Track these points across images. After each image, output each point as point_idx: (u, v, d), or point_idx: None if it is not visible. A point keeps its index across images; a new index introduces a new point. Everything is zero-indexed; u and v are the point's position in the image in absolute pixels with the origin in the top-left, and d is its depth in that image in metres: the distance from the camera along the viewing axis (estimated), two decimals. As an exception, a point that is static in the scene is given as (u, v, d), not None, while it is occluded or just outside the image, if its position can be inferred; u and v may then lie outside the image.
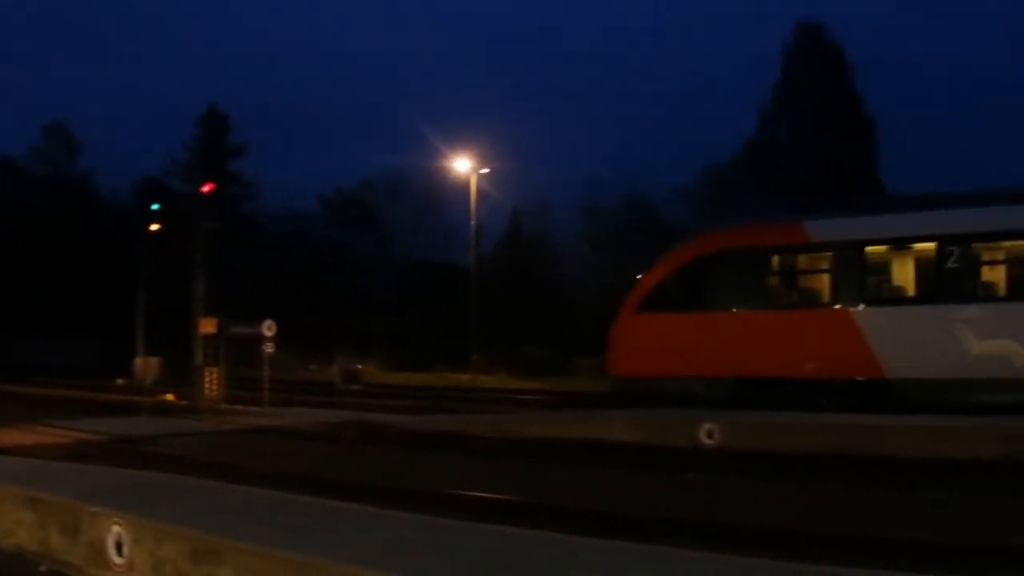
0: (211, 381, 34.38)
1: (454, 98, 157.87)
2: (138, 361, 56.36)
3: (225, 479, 15.45)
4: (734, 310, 26.25)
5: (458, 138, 74.18)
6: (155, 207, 62.17)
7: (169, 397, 38.64)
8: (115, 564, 10.01)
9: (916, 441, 19.22)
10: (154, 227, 61.05)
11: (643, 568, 8.10)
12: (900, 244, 25.84)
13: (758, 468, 18.07)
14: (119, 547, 9.97)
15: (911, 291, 25.86)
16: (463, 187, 61.26)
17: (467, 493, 15.22)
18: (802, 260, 27.33)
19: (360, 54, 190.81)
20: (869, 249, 25.48)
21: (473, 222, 60.86)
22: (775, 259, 27.17)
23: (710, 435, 21.54)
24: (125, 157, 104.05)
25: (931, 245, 24.66)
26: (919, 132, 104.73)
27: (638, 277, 28.76)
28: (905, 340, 24.31)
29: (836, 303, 25.55)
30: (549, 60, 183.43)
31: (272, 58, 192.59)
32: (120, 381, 53.90)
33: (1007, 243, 24.76)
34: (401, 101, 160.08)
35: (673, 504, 14.93)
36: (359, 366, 50.88)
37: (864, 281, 25.41)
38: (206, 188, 46.28)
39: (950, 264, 24.13)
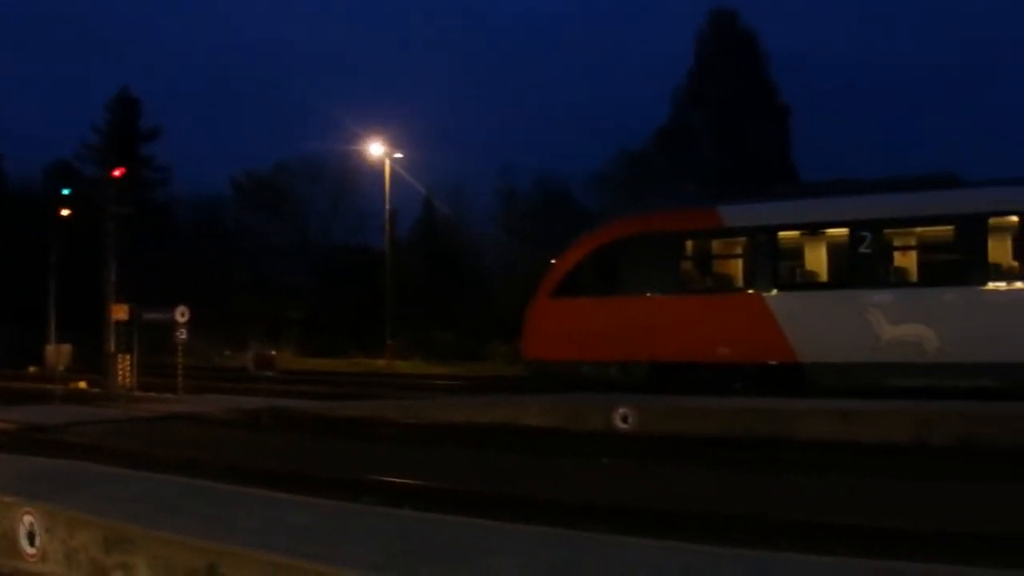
0: (124, 368, 34.02)
1: (368, 82, 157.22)
2: (50, 348, 55.41)
3: (138, 467, 15.29)
4: (648, 295, 26.34)
5: (372, 122, 73.90)
6: (65, 192, 61.06)
7: (82, 384, 38.14)
8: (27, 554, 9.87)
9: (826, 425, 19.43)
10: (65, 212, 60.06)
11: (557, 551, 8.10)
12: (813, 230, 26.09)
13: (672, 452, 18.18)
14: (31, 537, 9.83)
15: (823, 276, 26.13)
16: (378, 171, 61.04)
17: (381, 479, 15.19)
18: (716, 245, 27.51)
19: (273, 37, 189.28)
20: (782, 235, 25.71)
21: (387, 207, 60.51)
22: (689, 244, 27.32)
23: (624, 419, 21.62)
24: (35, 142, 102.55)
25: (843, 231, 24.93)
26: (832, 120, 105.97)
27: (552, 262, 28.80)
28: (817, 325, 24.57)
29: (749, 288, 25.76)
30: (464, 45, 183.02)
31: (185, 41, 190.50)
32: (32, 368, 53.12)
33: (918, 229, 25.10)
34: (315, 85, 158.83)
35: (588, 488, 15.00)
36: (273, 352, 50.42)
37: (777, 266, 25.64)
38: (117, 172, 45.53)
39: (862, 250, 24.40)
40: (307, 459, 18.29)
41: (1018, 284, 23.12)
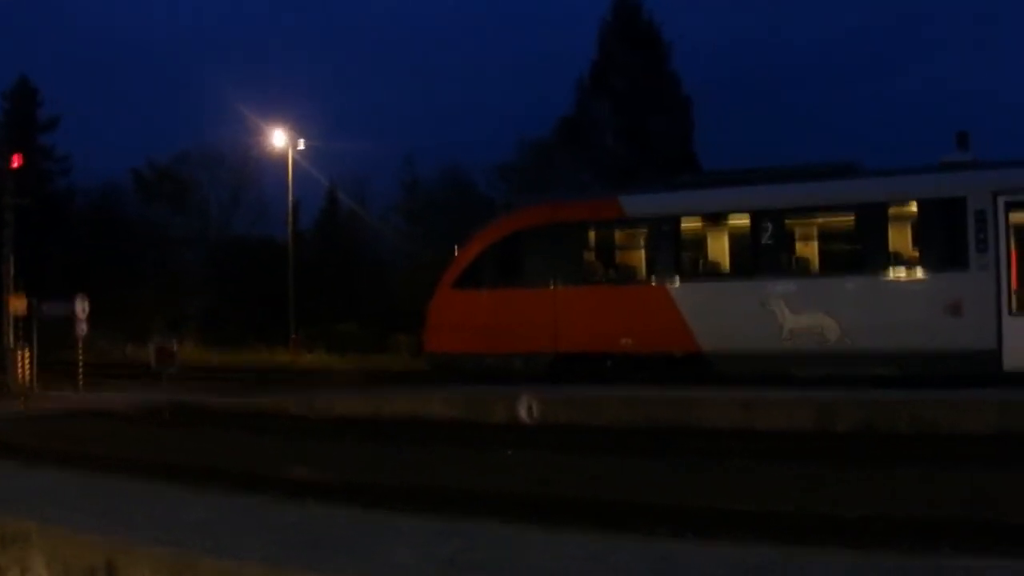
0: (23, 363, 33.35)
1: (272, 72, 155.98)
2: (-56, 345, 54.41)
3: (36, 463, 14.97)
4: (551, 286, 26.26)
5: (276, 113, 73.22)
6: (-41, 183, 59.97)
7: (-23, 382, 37.37)
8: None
9: (729, 413, 19.51)
10: (-40, 203, 58.94)
11: (455, 543, 8.05)
12: (715, 220, 26.20)
13: (575, 442, 18.20)
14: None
15: (726, 266, 26.23)
16: (280, 161, 60.53)
17: (283, 472, 15.01)
18: (618, 235, 27.53)
19: (178, 25, 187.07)
20: (684, 225, 25.79)
21: (290, 198, 60.14)
22: (591, 234, 27.27)
23: (528, 410, 21.54)
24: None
25: (745, 221, 25.08)
26: (735, 109, 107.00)
27: (455, 253, 28.65)
28: (720, 314, 24.66)
29: (652, 278, 25.80)
30: (369, 35, 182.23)
31: (87, 30, 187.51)
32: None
33: (820, 218, 25.32)
34: (219, 75, 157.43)
35: (492, 480, 14.93)
36: (175, 345, 49.80)
37: (679, 256, 25.69)
38: (14, 162, 44.67)
39: (764, 239, 24.53)
40: (208, 453, 18.05)
41: (918, 272, 23.37)
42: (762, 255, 24.71)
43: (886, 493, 13.14)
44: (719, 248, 26.44)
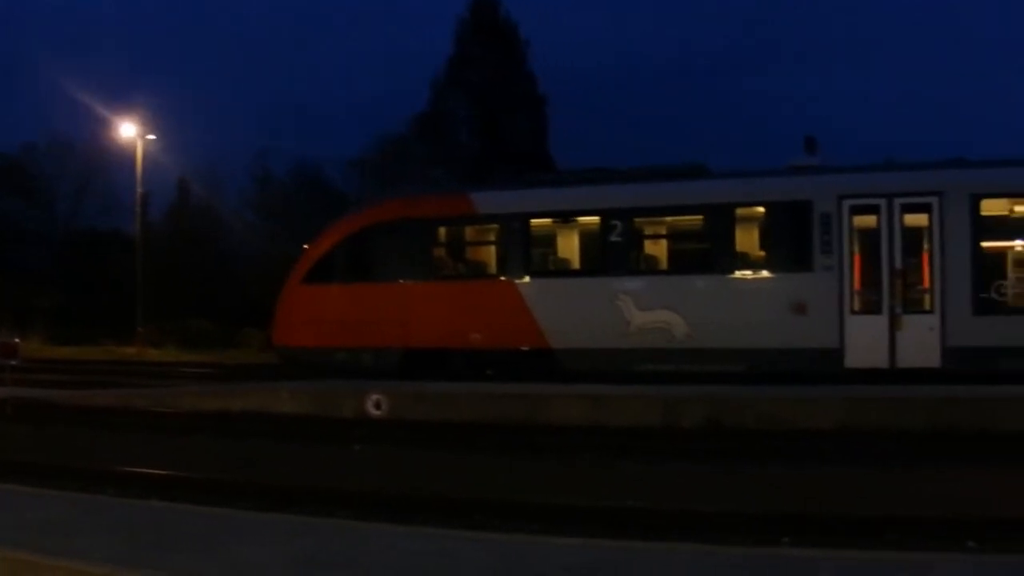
0: None
1: (123, 63, 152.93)
2: None
3: None
4: (401, 281, 26.15)
5: (126, 104, 71.89)
6: None
7: None
8: None
9: (577, 409, 19.63)
10: None
11: (303, 540, 8.04)
12: (565, 218, 26.32)
13: (424, 438, 18.21)
14: None
15: (575, 264, 26.37)
16: (130, 153, 59.41)
17: (129, 469, 14.74)
18: (469, 232, 27.51)
19: (20, 11, 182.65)
20: (535, 222, 25.84)
21: (139, 190, 58.95)
22: (441, 231, 27.20)
23: (377, 406, 21.45)
24: None
25: (595, 219, 25.25)
26: (590, 109, 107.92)
27: (305, 248, 28.40)
28: (569, 311, 24.77)
29: (502, 275, 25.84)
30: (223, 28, 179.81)
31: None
32: None
33: (668, 218, 25.63)
34: (68, 64, 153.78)
35: (340, 475, 14.88)
36: (17, 340, 48.62)
37: (529, 253, 25.75)
38: None
39: (613, 238, 24.71)
40: (52, 451, 17.61)
41: (763, 272, 23.78)
42: (611, 253, 24.90)
43: (732, 488, 13.35)
44: (569, 246, 26.57)
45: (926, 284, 22.75)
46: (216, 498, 11.98)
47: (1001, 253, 23.16)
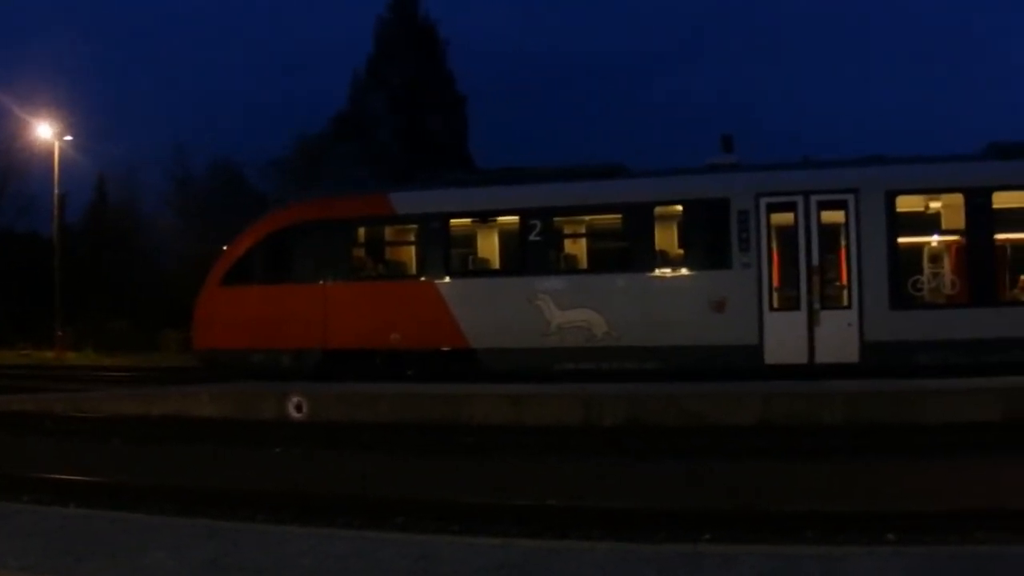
0: None
1: (37, 63, 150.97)
2: None
3: None
4: (320, 282, 25.99)
5: (42, 104, 70.89)
6: None
7: None
8: None
9: (498, 409, 19.63)
10: None
11: (217, 544, 8.00)
12: (484, 217, 26.33)
13: (345, 439, 18.14)
14: None
15: (495, 263, 26.42)
16: (46, 153, 58.72)
17: (45, 475, 14.48)
18: (387, 232, 27.41)
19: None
20: (454, 222, 25.81)
21: (56, 191, 58.35)
22: (360, 231, 27.07)
23: (299, 408, 21.31)
24: None
25: (514, 219, 25.26)
26: (510, 109, 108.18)
27: (224, 248, 28.18)
28: (489, 311, 24.77)
29: (421, 275, 25.79)
30: (139, 27, 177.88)
31: None
32: None
33: (588, 217, 25.73)
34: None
35: (260, 478, 14.80)
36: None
37: (448, 253, 25.72)
38: None
39: (532, 237, 24.74)
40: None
41: (683, 271, 23.94)
42: (530, 253, 24.94)
43: (653, 485, 13.43)
44: (488, 245, 26.61)
45: (844, 280, 23.05)
46: (133, 503, 11.91)
47: (917, 248, 23.54)
